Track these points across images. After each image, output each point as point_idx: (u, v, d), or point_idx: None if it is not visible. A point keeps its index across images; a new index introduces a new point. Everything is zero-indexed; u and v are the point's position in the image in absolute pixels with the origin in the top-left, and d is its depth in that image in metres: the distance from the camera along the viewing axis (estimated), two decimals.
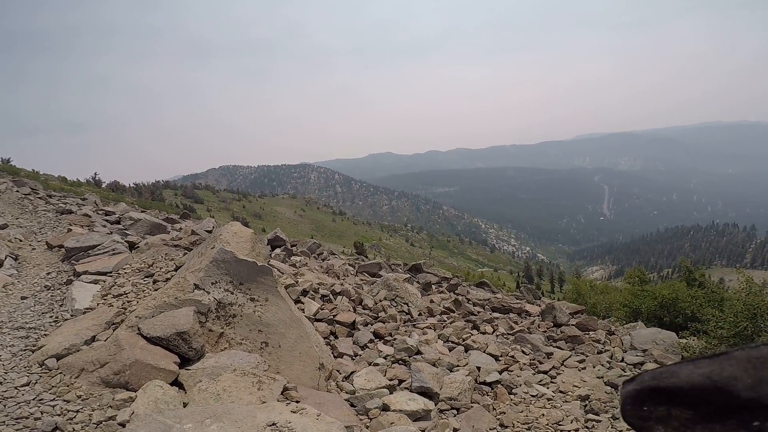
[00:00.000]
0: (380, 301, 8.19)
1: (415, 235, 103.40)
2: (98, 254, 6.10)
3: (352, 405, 4.52)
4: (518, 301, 10.92)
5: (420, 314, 8.20)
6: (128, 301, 4.42)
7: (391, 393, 4.74)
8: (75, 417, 3.03)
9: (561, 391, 5.43)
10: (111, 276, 5.30)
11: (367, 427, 4.18)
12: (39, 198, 13.06)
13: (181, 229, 10.77)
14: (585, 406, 5.11)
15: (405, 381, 5.08)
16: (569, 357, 6.50)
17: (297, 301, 6.60)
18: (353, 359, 5.78)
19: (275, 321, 5.01)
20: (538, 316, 9.05)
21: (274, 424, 3.27)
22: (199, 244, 6.99)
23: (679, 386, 0.33)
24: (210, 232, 9.35)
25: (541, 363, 6.26)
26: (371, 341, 6.32)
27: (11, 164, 22.61)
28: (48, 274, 5.82)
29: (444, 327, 7.70)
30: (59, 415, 3.03)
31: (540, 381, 5.67)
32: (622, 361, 6.34)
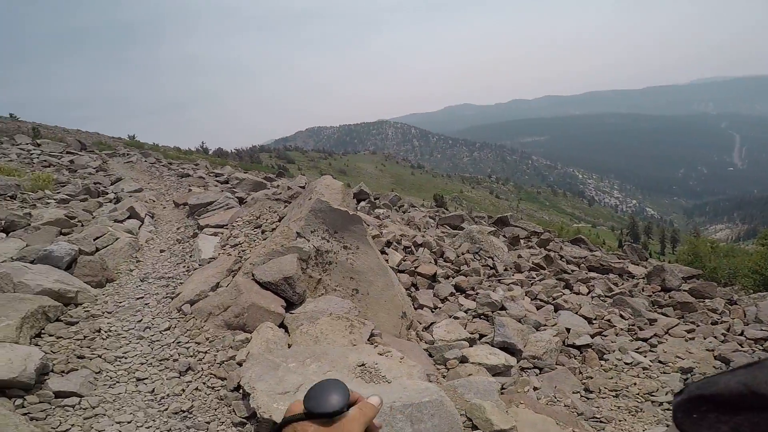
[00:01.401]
0: (463, 254, 8.10)
1: (500, 187, 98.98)
2: (215, 209, 6.98)
3: (430, 355, 4.65)
4: (620, 261, 10.01)
5: (506, 269, 8.01)
6: (243, 251, 5.06)
7: (471, 346, 4.76)
8: (203, 358, 3.55)
9: (660, 361, 4.95)
10: (227, 228, 6.07)
11: (444, 377, 4.30)
12: (162, 165, 15.15)
13: (278, 186, 11.72)
14: (686, 379, 4.62)
15: (486, 336, 5.08)
16: (676, 325, 5.86)
17: (381, 252, 6.85)
18: (433, 311, 5.87)
19: (365, 269, 5.30)
20: (643, 278, 8.23)
21: (363, 364, 3.55)
22: (296, 197, 7.57)
23: (720, 393, 0.38)
24: (303, 187, 9.99)
25: (641, 329, 5.76)
26: (452, 294, 6.34)
27: (136, 139, 26.56)
28: (178, 228, 6.86)
29: (532, 284, 7.49)
30: (191, 356, 3.58)
31: (637, 348, 5.24)
32: (741, 334, 5.51)
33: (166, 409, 3.03)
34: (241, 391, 3.14)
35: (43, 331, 3.60)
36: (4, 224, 5.63)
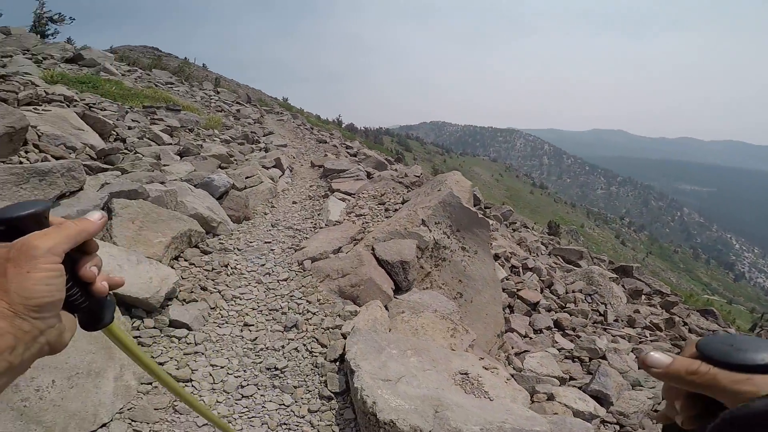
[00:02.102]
0: (574, 291, 7.62)
1: (630, 233, 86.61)
2: (346, 177, 7.24)
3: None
4: None
5: (616, 320, 7.23)
6: (366, 222, 5.07)
7: (560, 385, 4.52)
8: (311, 319, 3.49)
9: None
10: (354, 197, 6.20)
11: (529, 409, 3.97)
12: (306, 129, 16.58)
13: (396, 169, 11.83)
14: None
15: (577, 380, 4.83)
16: None
17: None
18: (522, 338, 5.61)
19: (476, 276, 4.97)
20: None
21: (466, 373, 3.22)
22: (418, 184, 7.45)
23: (754, 415, 0.37)
24: (418, 176, 9.86)
25: None
26: (548, 328, 6.02)
27: (288, 102, 29.79)
28: (310, 186, 7.29)
29: (641, 342, 6.62)
30: (300, 314, 3.54)
31: None
32: None
33: (261, 363, 2.99)
34: (337, 363, 3.06)
35: (181, 254, 3.95)
36: (181, 149, 6.61)
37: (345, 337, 3.28)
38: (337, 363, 3.08)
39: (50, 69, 9.50)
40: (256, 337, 3.23)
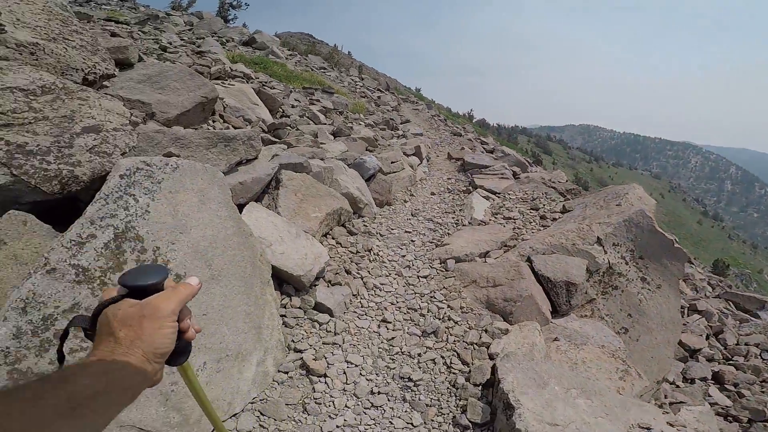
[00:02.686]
0: (747, 344, 6.08)
1: None
2: (489, 174, 6.72)
3: None
4: None
5: None
6: (518, 228, 4.51)
7: None
8: (452, 328, 3.11)
9: None
10: (499, 197, 5.67)
11: None
12: (440, 120, 16.28)
13: (535, 172, 10.73)
14: None
15: None
16: None
17: None
18: (671, 385, 4.61)
19: (653, 314, 4.07)
20: None
21: (648, 428, 2.56)
22: (575, 193, 6.51)
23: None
24: (564, 183, 8.72)
25: None
26: (703, 379, 5.02)
27: (420, 92, 29.92)
28: (448, 179, 6.97)
29: None
30: (441, 320, 3.20)
31: None
32: None
33: (395, 369, 2.75)
34: (481, 388, 2.67)
35: (330, 231, 3.96)
36: (335, 130, 6.91)
37: (492, 359, 2.86)
38: (482, 388, 2.68)
39: (231, 50, 10.97)
40: (393, 338, 3.00)
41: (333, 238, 3.96)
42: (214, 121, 5.12)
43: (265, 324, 2.43)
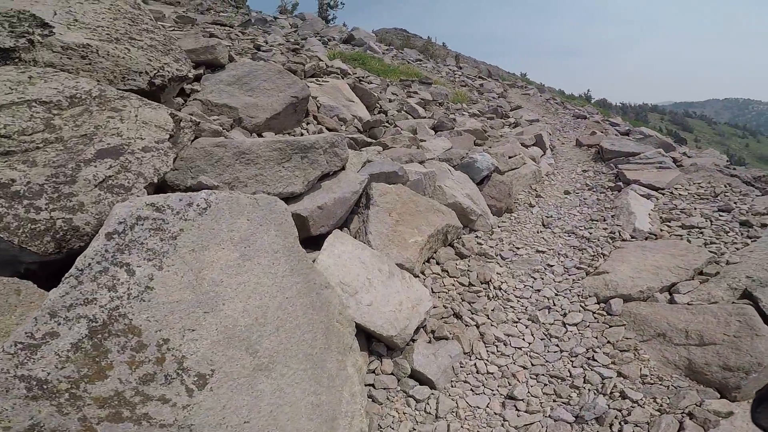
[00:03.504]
0: None
1: None
2: (641, 164, 5.05)
3: None
4: None
5: None
6: (713, 243, 3.01)
7: None
8: (630, 413, 1.96)
9: None
10: (664, 194, 4.08)
11: None
12: (557, 103, 14.04)
13: (685, 153, 8.29)
14: None
15: None
16: None
17: None
18: None
19: None
20: None
21: None
22: (765, 180, 4.54)
23: None
24: (746, 171, 6.32)
25: None
26: None
27: (527, 77, 26.89)
28: (584, 172, 5.46)
29: None
30: (607, 396, 2.06)
31: None
32: None
33: None
34: None
35: (433, 256, 3.06)
36: (436, 123, 5.96)
37: None
38: None
39: (332, 48, 10.78)
40: (528, 426, 1.99)
41: (437, 264, 3.04)
42: (307, 123, 4.61)
43: (342, 412, 1.64)
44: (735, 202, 3.76)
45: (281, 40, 8.33)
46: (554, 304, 2.72)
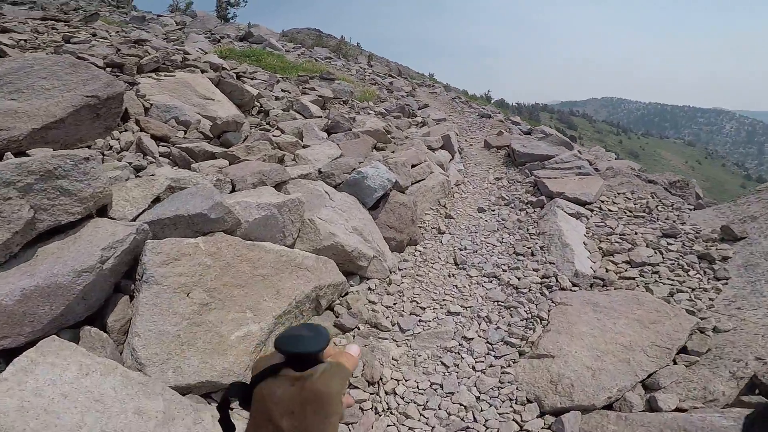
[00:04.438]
0: None
1: None
2: (557, 169, 4.33)
3: None
4: None
5: None
6: (678, 290, 2.14)
7: None
8: None
9: None
10: (593, 211, 3.29)
11: None
12: (462, 102, 13.67)
13: (610, 159, 8.23)
14: None
15: None
16: None
17: None
18: None
19: None
20: None
21: None
22: (680, 186, 4.14)
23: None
24: (662, 177, 6.11)
25: None
26: None
27: (434, 77, 27.15)
28: (498, 179, 4.60)
29: None
30: None
31: None
32: None
33: None
34: None
35: None
36: (329, 124, 4.69)
37: None
38: None
39: (225, 46, 9.06)
40: None
41: None
42: (121, 132, 3.03)
43: None
44: (674, 221, 3.07)
45: (148, 36, 6.43)
46: (474, 419, 1.61)
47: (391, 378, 1.78)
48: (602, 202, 3.46)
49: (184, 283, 1.43)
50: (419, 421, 1.61)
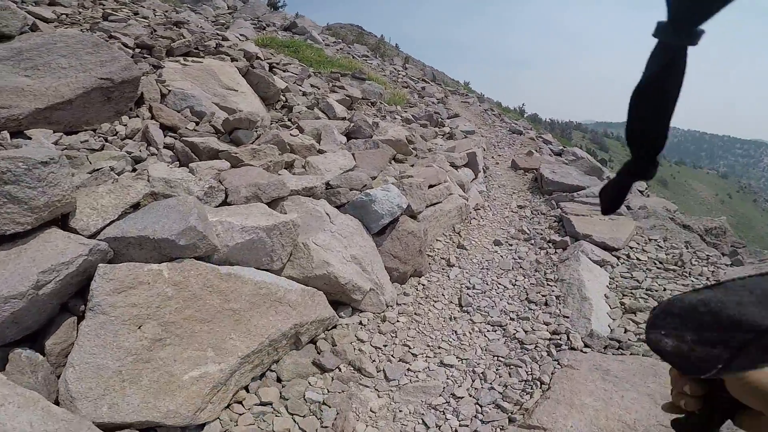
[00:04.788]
0: None
1: None
2: (585, 204, 3.96)
3: None
4: None
5: None
6: None
7: None
8: None
9: None
10: (620, 259, 2.93)
11: None
12: (494, 115, 13.14)
13: (647, 195, 7.67)
14: None
15: None
16: None
17: None
18: None
19: None
20: None
21: None
22: (716, 234, 3.72)
23: (682, 308, 0.37)
24: (698, 222, 5.63)
25: None
26: None
27: (469, 86, 26.36)
28: (520, 207, 4.27)
29: None
30: None
31: None
32: None
33: None
34: None
35: (275, 366, 1.65)
36: (350, 128, 4.47)
37: None
38: None
39: (267, 33, 9.02)
40: None
41: (278, 381, 1.57)
42: (132, 117, 2.89)
43: None
44: (708, 278, 2.70)
45: (197, 20, 6.39)
46: None
47: None
48: (631, 248, 3.09)
49: (136, 315, 1.23)
50: None
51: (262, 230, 1.72)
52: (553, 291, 2.47)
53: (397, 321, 2.17)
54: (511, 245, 3.27)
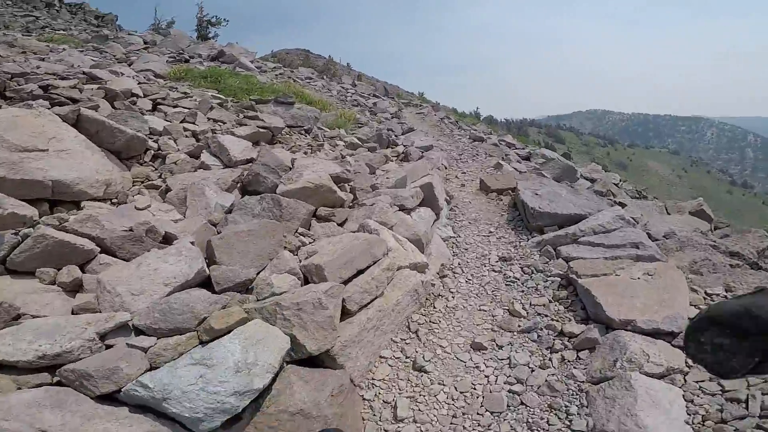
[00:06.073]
0: None
1: None
2: (596, 245, 2.65)
3: None
4: None
5: None
6: None
7: None
8: None
9: None
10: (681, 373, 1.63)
11: None
12: (451, 123, 12.06)
13: (620, 202, 6.64)
14: None
15: None
16: None
17: None
18: None
19: None
20: None
21: None
22: None
23: (723, 315, 0.37)
24: (746, 246, 4.48)
25: None
26: None
27: (424, 96, 25.68)
28: (504, 261, 2.89)
29: None
30: None
31: None
32: None
33: None
34: None
35: None
36: (247, 178, 3.04)
37: None
38: None
39: (189, 65, 7.72)
40: None
41: None
42: None
43: None
44: None
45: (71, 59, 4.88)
46: None
47: None
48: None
49: None
50: None
51: None
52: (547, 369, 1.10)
53: None
54: (499, 348, 1.90)
